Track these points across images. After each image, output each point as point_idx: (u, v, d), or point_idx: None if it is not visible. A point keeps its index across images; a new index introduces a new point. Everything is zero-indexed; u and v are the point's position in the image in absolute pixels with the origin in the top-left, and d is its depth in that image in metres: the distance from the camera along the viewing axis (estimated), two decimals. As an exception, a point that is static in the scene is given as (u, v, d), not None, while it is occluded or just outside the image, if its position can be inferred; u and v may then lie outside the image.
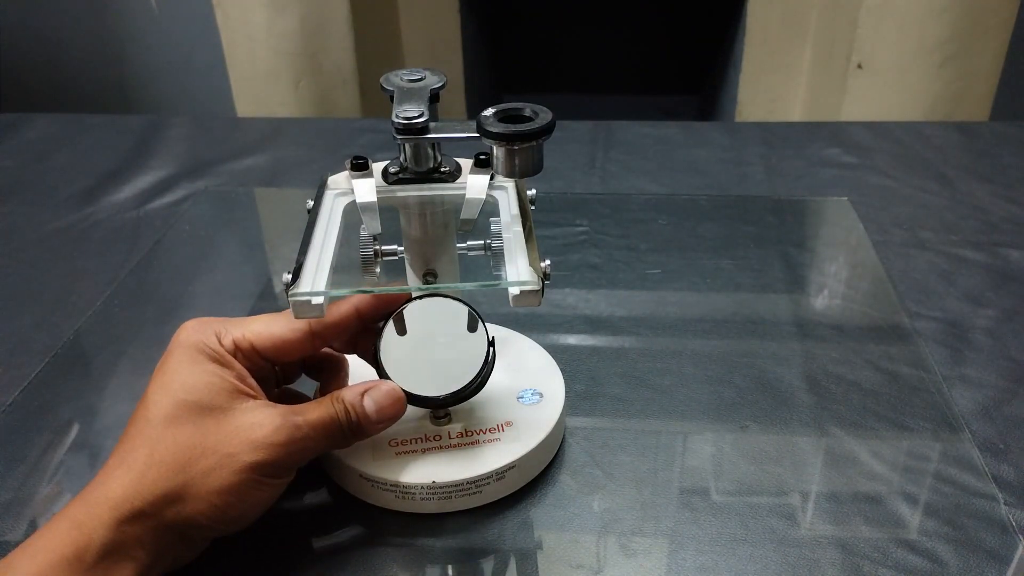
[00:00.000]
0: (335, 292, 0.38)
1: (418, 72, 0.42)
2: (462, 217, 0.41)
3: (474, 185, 0.41)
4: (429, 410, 0.43)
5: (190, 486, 0.34)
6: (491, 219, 0.41)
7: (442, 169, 0.42)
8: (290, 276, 0.38)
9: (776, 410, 0.47)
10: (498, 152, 0.36)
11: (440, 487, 0.40)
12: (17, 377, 0.52)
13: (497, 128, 0.35)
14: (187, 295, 0.61)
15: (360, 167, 0.42)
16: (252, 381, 0.38)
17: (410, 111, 0.38)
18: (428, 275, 0.42)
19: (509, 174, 0.37)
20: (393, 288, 0.42)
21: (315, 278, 0.38)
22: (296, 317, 0.37)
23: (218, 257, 0.65)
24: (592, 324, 0.55)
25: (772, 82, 1.39)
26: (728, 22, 1.54)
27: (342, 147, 0.82)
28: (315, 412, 0.37)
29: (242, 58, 1.25)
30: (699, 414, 0.47)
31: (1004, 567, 0.38)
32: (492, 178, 0.42)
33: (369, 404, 0.38)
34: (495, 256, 0.40)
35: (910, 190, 0.72)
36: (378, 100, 1.15)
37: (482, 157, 0.42)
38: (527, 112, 0.37)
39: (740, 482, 0.43)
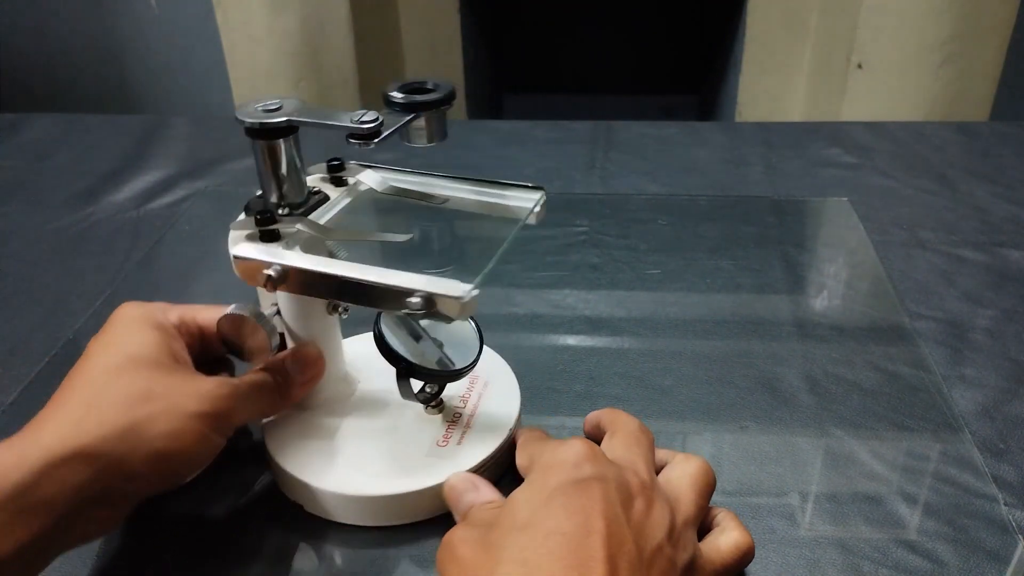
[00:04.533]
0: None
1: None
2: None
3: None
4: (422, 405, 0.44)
5: (136, 428, 0.34)
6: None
7: (314, 192, 0.42)
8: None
9: (776, 410, 0.47)
10: (419, 122, 0.38)
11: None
12: (17, 377, 0.52)
13: (430, 97, 0.38)
14: (187, 295, 0.60)
15: (268, 234, 0.39)
16: (188, 357, 0.40)
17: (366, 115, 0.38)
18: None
19: (428, 140, 0.39)
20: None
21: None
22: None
23: (218, 257, 0.65)
24: (592, 324, 0.55)
25: (772, 82, 1.39)
26: (728, 22, 1.54)
27: (342, 147, 0.82)
28: (249, 376, 0.40)
29: (242, 58, 1.25)
30: (699, 414, 0.47)
31: (1004, 567, 0.38)
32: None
33: (291, 366, 0.41)
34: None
35: (910, 190, 0.72)
36: (378, 100, 1.15)
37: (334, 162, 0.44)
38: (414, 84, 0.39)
39: (740, 482, 0.43)
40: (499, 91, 1.97)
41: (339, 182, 0.44)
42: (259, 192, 0.41)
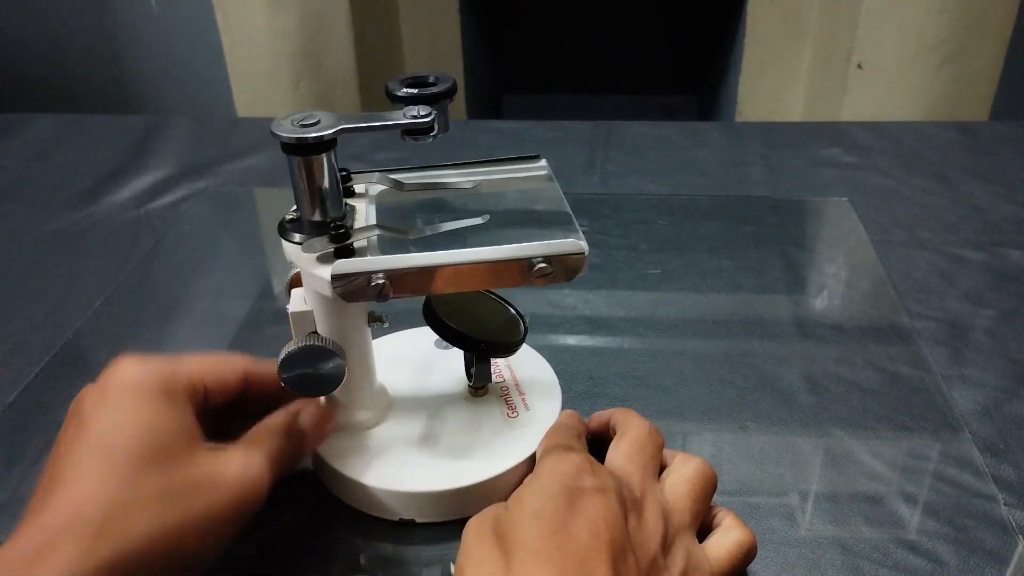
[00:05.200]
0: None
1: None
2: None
3: None
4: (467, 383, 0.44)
5: (166, 537, 0.31)
6: None
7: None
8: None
9: (776, 410, 0.47)
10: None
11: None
12: (17, 377, 0.52)
13: (439, 89, 0.37)
14: (187, 295, 0.61)
15: (344, 251, 0.37)
16: (200, 431, 0.36)
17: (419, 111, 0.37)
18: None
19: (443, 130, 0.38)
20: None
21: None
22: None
23: (218, 257, 0.65)
24: (592, 324, 0.55)
25: (772, 82, 1.39)
26: (728, 22, 1.54)
27: (342, 146, 0.82)
28: (268, 441, 0.37)
29: (242, 58, 1.25)
30: (699, 414, 0.47)
31: (1004, 567, 0.38)
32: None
33: (305, 420, 0.39)
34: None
35: (910, 190, 0.72)
36: (378, 100, 1.15)
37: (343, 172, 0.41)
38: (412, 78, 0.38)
39: (740, 482, 0.43)
40: (499, 91, 1.97)
41: (348, 192, 0.42)
42: (288, 215, 0.39)
